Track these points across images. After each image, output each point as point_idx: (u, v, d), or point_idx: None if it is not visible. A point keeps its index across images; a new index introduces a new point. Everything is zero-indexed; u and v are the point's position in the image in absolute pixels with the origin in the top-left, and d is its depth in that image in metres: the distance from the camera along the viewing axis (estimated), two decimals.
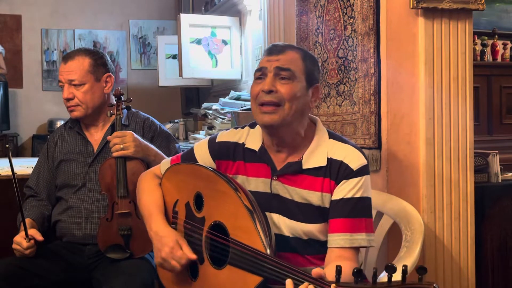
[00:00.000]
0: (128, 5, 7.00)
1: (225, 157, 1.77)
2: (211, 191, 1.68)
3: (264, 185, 1.69)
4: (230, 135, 1.79)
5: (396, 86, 2.20)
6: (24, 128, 6.63)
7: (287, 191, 1.66)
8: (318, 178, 1.63)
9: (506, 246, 2.61)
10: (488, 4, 2.85)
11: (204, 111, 4.41)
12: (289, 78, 1.60)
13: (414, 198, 2.18)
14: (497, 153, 2.64)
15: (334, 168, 1.62)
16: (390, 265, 1.21)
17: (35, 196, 2.31)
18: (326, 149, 1.65)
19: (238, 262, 1.53)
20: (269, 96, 1.59)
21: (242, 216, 1.56)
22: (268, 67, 1.62)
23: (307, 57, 1.67)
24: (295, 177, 1.65)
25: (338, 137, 1.72)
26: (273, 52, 1.65)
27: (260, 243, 1.49)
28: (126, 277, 1.97)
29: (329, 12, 2.57)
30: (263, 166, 1.70)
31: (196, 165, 1.78)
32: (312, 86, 1.65)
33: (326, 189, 1.63)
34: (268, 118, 1.60)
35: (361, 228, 1.60)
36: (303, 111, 1.64)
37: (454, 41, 2.21)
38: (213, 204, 1.66)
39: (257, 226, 1.52)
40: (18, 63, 6.67)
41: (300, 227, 1.64)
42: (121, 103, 2.26)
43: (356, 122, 2.37)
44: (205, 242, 1.66)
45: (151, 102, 6.31)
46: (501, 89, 3.79)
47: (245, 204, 1.56)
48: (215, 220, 1.64)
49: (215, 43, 4.60)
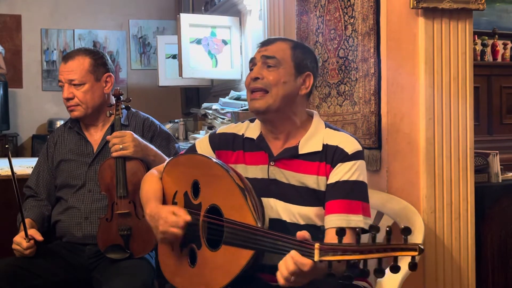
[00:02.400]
0: (128, 5, 7.00)
1: (225, 147, 1.83)
2: (206, 177, 1.72)
3: (262, 172, 1.74)
4: (230, 127, 1.88)
5: (396, 86, 2.20)
6: (24, 128, 6.63)
7: (283, 175, 1.71)
8: (314, 163, 1.69)
9: (506, 246, 2.60)
10: (488, 4, 2.85)
11: (204, 111, 4.41)
12: (274, 66, 1.70)
13: (414, 198, 2.18)
14: (497, 153, 2.64)
15: (329, 152, 1.68)
16: (374, 225, 1.24)
17: (35, 196, 2.30)
18: (322, 136, 1.72)
19: (232, 240, 1.58)
20: (256, 83, 1.70)
21: (235, 195, 1.61)
22: (257, 57, 1.75)
23: (298, 47, 1.76)
24: (292, 161, 1.71)
25: (334, 127, 1.78)
26: (263, 44, 1.77)
27: (251, 217, 1.55)
28: (126, 277, 1.97)
29: (330, 12, 2.56)
30: (261, 154, 1.76)
31: (192, 154, 1.85)
32: (302, 74, 1.72)
33: (322, 173, 1.68)
34: (256, 103, 1.70)
35: (357, 210, 1.63)
36: (291, 97, 1.71)
37: (454, 41, 2.21)
38: (209, 189, 1.71)
39: (248, 202, 1.57)
40: (18, 63, 6.67)
41: (297, 210, 1.68)
42: (120, 103, 2.26)
43: (357, 122, 2.37)
44: (202, 226, 1.69)
45: (151, 102, 6.31)
46: (501, 89, 3.79)
47: (237, 183, 1.61)
48: (211, 203, 1.69)
49: (215, 43, 4.60)
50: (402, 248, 1.23)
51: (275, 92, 1.68)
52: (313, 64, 1.78)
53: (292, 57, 1.72)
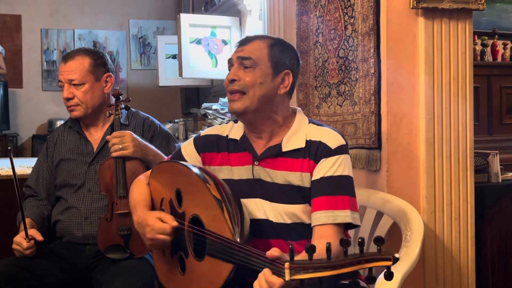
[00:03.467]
0: (128, 5, 7.00)
1: (210, 149, 1.82)
2: (187, 186, 1.71)
3: (247, 172, 1.73)
4: (214, 129, 1.86)
5: (396, 86, 2.20)
6: (24, 128, 6.63)
7: (268, 174, 1.70)
8: (297, 160, 1.68)
9: (506, 246, 2.61)
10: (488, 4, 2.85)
11: (204, 111, 4.41)
12: (251, 66, 1.68)
13: (414, 198, 2.18)
14: (497, 153, 2.64)
15: (313, 148, 1.67)
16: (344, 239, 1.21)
17: (35, 196, 2.30)
18: (305, 132, 1.71)
19: (214, 252, 1.57)
20: (233, 85, 1.69)
21: (212, 207, 1.59)
22: (233, 58, 1.73)
23: (276, 45, 1.73)
24: (275, 160, 1.70)
25: (318, 123, 1.76)
26: (240, 44, 1.75)
27: (228, 230, 1.53)
28: (126, 277, 1.97)
29: (330, 12, 2.56)
30: (245, 154, 1.75)
31: (173, 162, 1.84)
32: (280, 73, 1.70)
33: (306, 169, 1.66)
34: (234, 105, 1.69)
35: (345, 205, 1.61)
36: (270, 97, 1.69)
37: (454, 41, 2.21)
38: (190, 198, 1.70)
39: (225, 215, 1.54)
40: (18, 63, 6.67)
41: (282, 208, 1.67)
42: (119, 103, 2.26)
43: (357, 122, 2.37)
44: (188, 236, 1.68)
45: (151, 102, 6.31)
46: (501, 89, 3.79)
47: (213, 194, 1.59)
48: (193, 213, 1.68)
49: (215, 43, 4.59)
50: (376, 259, 1.20)
51: (252, 93, 1.66)
52: (293, 61, 1.74)
53: (269, 56, 1.69)
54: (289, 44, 1.81)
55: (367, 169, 2.29)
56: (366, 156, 2.29)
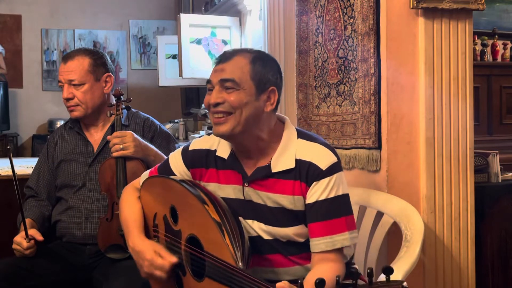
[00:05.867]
0: (128, 5, 7.00)
1: (199, 165, 1.75)
2: (182, 204, 1.66)
3: (236, 192, 1.68)
4: (202, 143, 1.78)
5: (396, 86, 2.20)
6: (24, 128, 6.64)
7: (259, 196, 1.65)
8: (288, 181, 1.62)
9: (506, 246, 2.61)
10: (488, 4, 2.85)
11: (204, 111, 4.42)
12: (233, 88, 1.59)
13: (414, 198, 2.18)
14: (497, 153, 2.64)
15: (303, 169, 1.60)
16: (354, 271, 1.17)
17: (35, 196, 2.30)
18: (294, 150, 1.63)
19: (214, 276, 1.52)
20: (218, 108, 1.60)
21: (211, 229, 1.53)
22: (214, 80, 1.63)
23: (257, 60, 1.63)
24: (266, 181, 1.64)
25: (307, 135, 1.69)
26: (219, 61, 1.65)
27: (230, 256, 1.47)
28: (126, 277, 1.96)
29: (329, 12, 2.56)
30: (234, 173, 1.69)
31: (166, 179, 1.76)
32: (265, 91, 1.62)
33: (298, 192, 1.61)
34: (220, 128, 1.60)
35: (342, 228, 1.58)
36: (256, 117, 1.61)
37: (454, 41, 2.21)
38: (186, 216, 1.65)
39: (226, 239, 1.49)
40: (18, 63, 6.68)
41: (276, 231, 1.64)
42: (120, 103, 2.26)
43: (356, 122, 2.37)
44: (185, 255, 1.64)
45: (151, 102, 6.31)
46: (501, 89, 3.80)
47: (212, 217, 1.54)
48: (190, 233, 1.63)
49: (215, 43, 4.60)
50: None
51: (239, 113, 1.58)
52: (276, 76, 1.65)
53: (251, 74, 1.60)
54: (270, 57, 1.71)
55: (367, 169, 2.29)
56: (366, 156, 2.29)
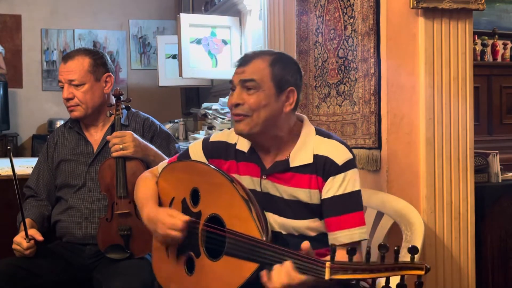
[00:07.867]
0: (128, 5, 7.00)
1: (218, 156, 1.82)
2: (207, 185, 1.71)
3: (254, 184, 1.74)
4: (223, 135, 1.85)
5: (396, 86, 2.20)
6: (24, 128, 6.63)
7: (276, 189, 1.71)
8: (305, 176, 1.68)
9: (506, 246, 2.61)
10: (488, 4, 2.85)
11: (204, 111, 4.41)
12: (254, 88, 1.65)
13: (414, 198, 2.18)
14: (497, 153, 2.64)
15: (320, 164, 1.66)
16: (383, 244, 1.26)
17: (35, 196, 2.30)
18: (312, 146, 1.70)
19: (234, 251, 1.57)
20: (237, 109, 1.67)
21: (238, 206, 1.60)
22: (235, 81, 1.70)
23: (277, 62, 1.68)
24: (283, 175, 1.70)
25: (325, 133, 1.75)
26: (240, 64, 1.71)
27: (256, 230, 1.54)
28: (126, 277, 1.97)
29: (329, 12, 2.56)
30: (253, 166, 1.75)
31: (192, 161, 1.84)
32: (284, 91, 1.67)
33: (314, 186, 1.67)
34: (239, 127, 1.68)
35: (360, 221, 1.65)
36: (275, 117, 1.67)
37: (454, 41, 2.21)
38: (210, 197, 1.70)
39: (253, 214, 1.57)
40: (18, 63, 6.67)
41: (290, 223, 1.69)
42: (120, 103, 2.26)
43: (356, 122, 2.37)
44: (202, 235, 1.68)
45: (151, 102, 6.30)
46: (501, 89, 3.79)
47: (241, 194, 1.61)
48: (211, 213, 1.68)
49: (215, 43, 4.60)
50: (409, 267, 1.26)
51: (257, 116, 1.65)
52: (296, 76, 1.71)
53: (271, 75, 1.65)
54: (290, 58, 1.77)
55: (367, 169, 2.29)
56: (366, 156, 2.29)
